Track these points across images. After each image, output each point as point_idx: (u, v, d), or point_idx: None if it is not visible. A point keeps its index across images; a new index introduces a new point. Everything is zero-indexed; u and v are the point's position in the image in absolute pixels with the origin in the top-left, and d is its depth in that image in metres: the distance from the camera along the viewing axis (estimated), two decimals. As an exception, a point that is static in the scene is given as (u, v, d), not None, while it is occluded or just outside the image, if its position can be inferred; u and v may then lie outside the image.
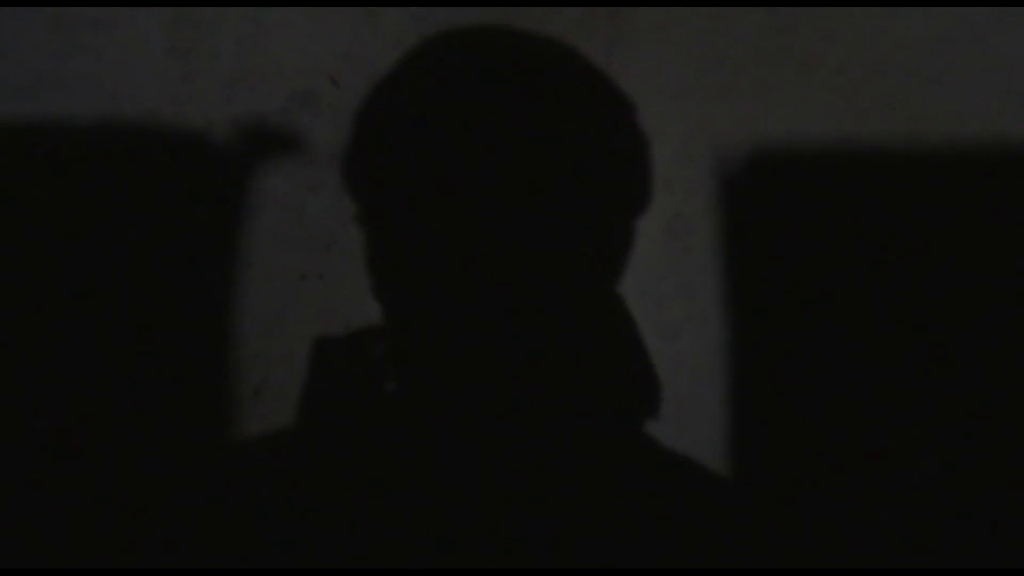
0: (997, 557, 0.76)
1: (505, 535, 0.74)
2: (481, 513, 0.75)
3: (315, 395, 0.80)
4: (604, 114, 0.84)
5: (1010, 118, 0.80)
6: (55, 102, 0.81)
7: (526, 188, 0.79)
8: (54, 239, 0.80)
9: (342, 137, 0.84)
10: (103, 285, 0.80)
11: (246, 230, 0.83)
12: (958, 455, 0.77)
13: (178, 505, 0.77)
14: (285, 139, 0.84)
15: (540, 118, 0.81)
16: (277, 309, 0.83)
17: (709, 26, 0.83)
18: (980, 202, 0.79)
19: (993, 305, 0.78)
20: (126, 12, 0.83)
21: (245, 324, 0.82)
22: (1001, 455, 0.77)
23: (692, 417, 0.81)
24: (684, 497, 0.77)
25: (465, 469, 0.77)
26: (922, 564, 0.76)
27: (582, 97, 0.83)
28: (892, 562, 0.76)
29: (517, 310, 0.79)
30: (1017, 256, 0.79)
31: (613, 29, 0.84)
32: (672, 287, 0.84)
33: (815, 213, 0.82)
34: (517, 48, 0.82)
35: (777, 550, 0.76)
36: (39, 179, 0.80)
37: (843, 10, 0.83)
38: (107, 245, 0.81)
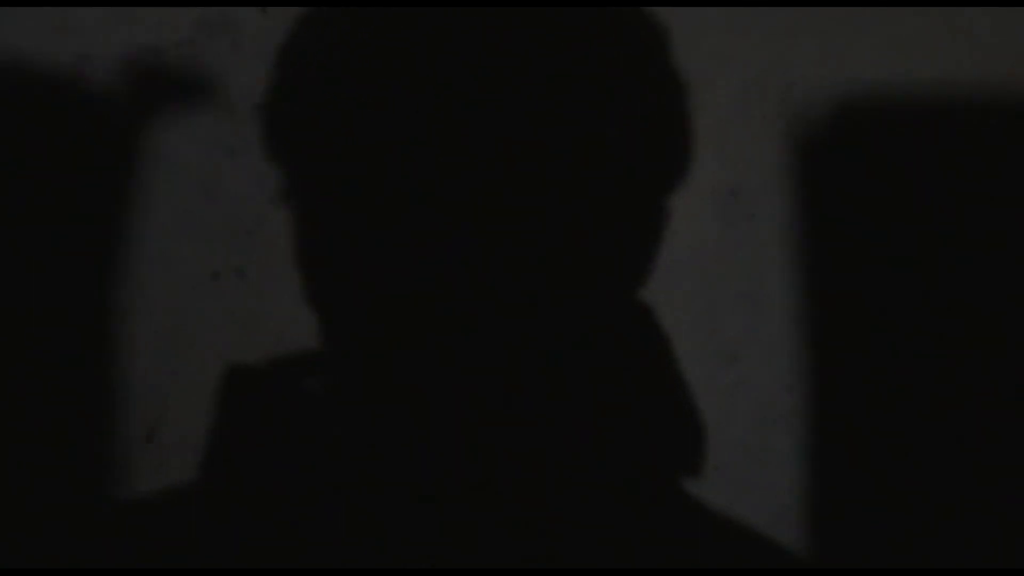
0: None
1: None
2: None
3: (227, 441, 0.70)
4: (625, 49, 0.73)
5: None
6: None
7: (516, 154, 0.70)
8: None
9: (270, 82, 0.74)
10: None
11: (135, 210, 0.75)
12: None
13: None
14: (190, 83, 0.76)
15: (534, 51, 0.71)
16: (177, 322, 0.73)
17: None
18: None
19: None
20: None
21: (134, 343, 0.72)
22: None
23: (755, 471, 0.73)
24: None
25: (441, 558, 0.67)
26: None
27: (592, 25, 0.73)
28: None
29: (510, 325, 0.69)
30: None
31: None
32: (727, 292, 0.75)
33: (925, 193, 0.75)
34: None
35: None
36: None
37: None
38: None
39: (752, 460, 0.74)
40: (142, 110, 0.76)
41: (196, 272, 0.75)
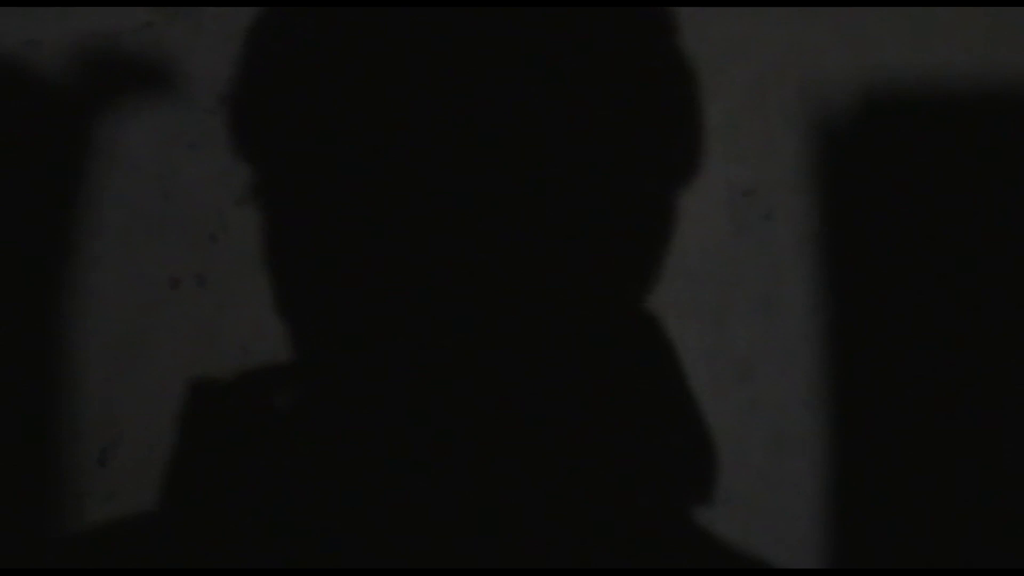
0: None
1: None
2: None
3: (189, 464, 0.69)
4: (625, 33, 0.72)
5: None
6: None
7: (508, 149, 0.70)
8: None
9: (236, 71, 0.72)
10: None
11: (85, 210, 0.71)
12: None
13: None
14: (147, 72, 0.72)
15: (529, 36, 0.71)
16: (133, 334, 0.70)
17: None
18: None
19: None
20: None
21: (86, 357, 0.69)
22: None
23: (770, 497, 0.70)
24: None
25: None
26: None
27: (587, 8, 0.71)
28: None
29: (499, 336, 0.69)
30: None
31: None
32: (740, 301, 0.72)
33: (958, 192, 0.73)
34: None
35: None
36: None
37: None
38: None
39: (767, 486, 0.71)
40: (95, 101, 0.72)
41: (153, 279, 0.72)
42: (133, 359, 0.70)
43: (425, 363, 0.69)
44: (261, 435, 0.69)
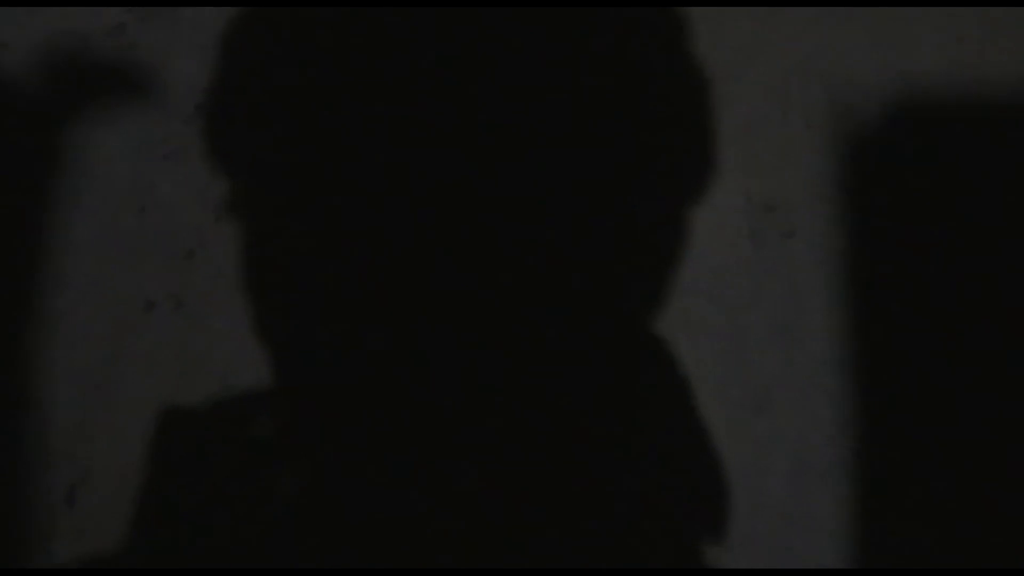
0: None
1: None
2: None
3: (163, 499, 0.66)
4: (634, 36, 0.69)
5: None
6: None
7: (509, 158, 0.67)
8: None
9: (214, 77, 0.70)
10: None
11: (52, 226, 0.68)
12: None
13: None
14: (120, 75, 0.70)
15: (533, 42, 0.68)
16: (104, 361, 0.68)
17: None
18: None
19: None
20: None
21: (53, 388, 0.67)
22: None
23: (791, 539, 0.66)
24: None
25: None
26: None
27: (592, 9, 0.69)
28: None
29: (501, 360, 0.66)
30: None
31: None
32: (758, 324, 0.69)
33: (996, 208, 0.69)
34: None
35: None
36: None
37: None
38: None
39: (788, 526, 0.67)
40: (63, 108, 0.70)
41: (126, 301, 0.69)
42: (104, 389, 0.68)
43: (419, 391, 0.66)
44: (241, 470, 0.66)
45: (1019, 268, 0.69)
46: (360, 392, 0.67)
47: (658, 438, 0.67)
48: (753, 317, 0.69)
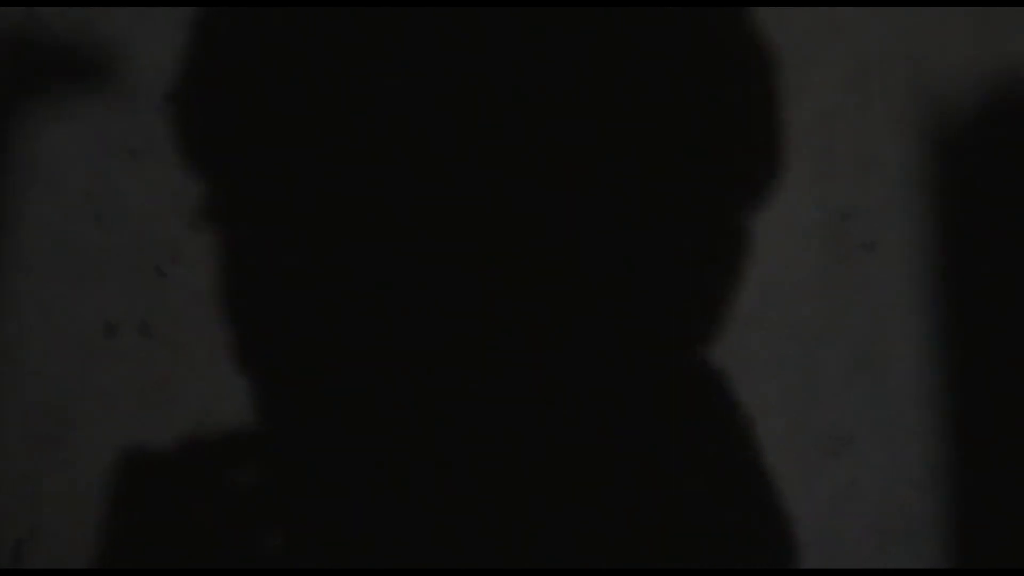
0: None
1: None
2: None
3: (122, 556, 0.63)
4: (691, 19, 0.66)
5: None
6: None
7: (543, 162, 0.63)
8: None
9: (185, 64, 0.65)
10: None
11: (1, 237, 0.65)
12: None
13: None
14: (79, 64, 0.67)
15: (553, 28, 0.65)
16: (59, 396, 0.64)
17: None
18: None
19: None
20: None
21: (0, 427, 0.64)
22: None
23: None
24: None
25: None
26: None
27: None
28: None
29: (535, 401, 0.62)
30: None
31: None
32: (834, 354, 0.65)
33: None
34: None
35: None
36: None
37: None
38: None
39: None
40: (11, 99, 0.66)
41: (84, 326, 0.64)
42: (58, 429, 0.63)
43: (426, 441, 0.63)
44: (216, 522, 0.61)
45: None
46: (357, 434, 0.62)
47: (714, 490, 0.63)
48: (828, 346, 0.65)
